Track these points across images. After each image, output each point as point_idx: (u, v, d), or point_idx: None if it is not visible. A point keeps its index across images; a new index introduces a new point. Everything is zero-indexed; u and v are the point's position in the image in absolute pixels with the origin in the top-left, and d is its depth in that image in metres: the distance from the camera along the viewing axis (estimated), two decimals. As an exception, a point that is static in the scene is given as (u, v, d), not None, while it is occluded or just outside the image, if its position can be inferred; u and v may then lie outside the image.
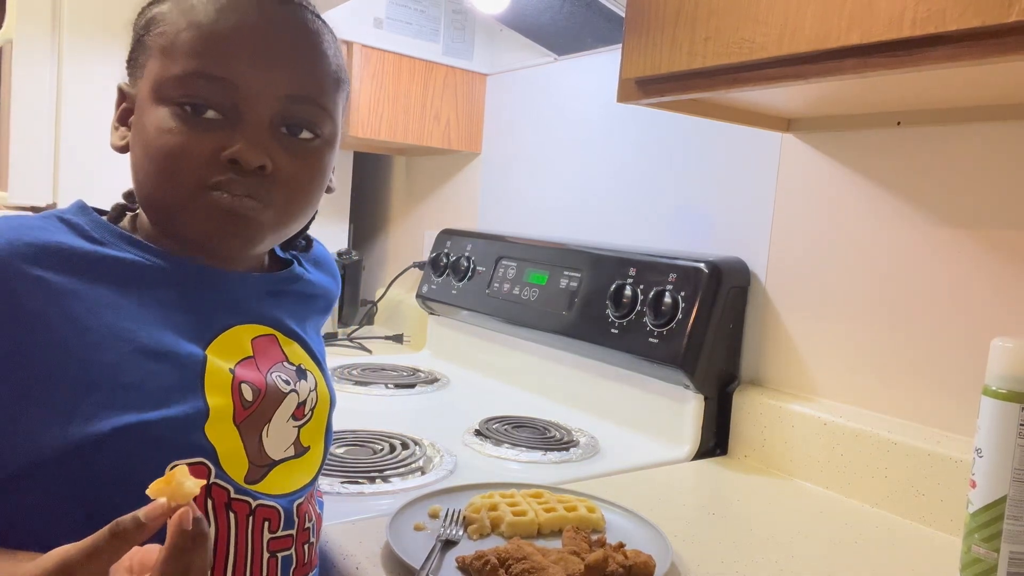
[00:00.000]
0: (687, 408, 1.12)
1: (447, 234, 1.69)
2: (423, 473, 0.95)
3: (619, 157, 1.39)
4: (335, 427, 0.78)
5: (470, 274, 1.55)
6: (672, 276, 1.13)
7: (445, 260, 1.63)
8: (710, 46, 0.78)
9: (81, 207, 0.65)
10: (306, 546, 0.66)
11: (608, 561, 0.67)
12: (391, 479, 0.91)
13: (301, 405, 0.68)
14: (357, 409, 1.25)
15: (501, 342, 1.51)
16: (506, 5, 1.38)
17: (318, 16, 0.67)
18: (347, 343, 1.82)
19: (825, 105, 0.97)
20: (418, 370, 1.53)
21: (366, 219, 2.24)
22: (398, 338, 1.92)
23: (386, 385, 1.39)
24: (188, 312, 0.62)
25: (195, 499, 0.45)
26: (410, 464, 0.96)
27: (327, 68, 0.65)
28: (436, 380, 1.46)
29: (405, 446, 1.03)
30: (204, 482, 0.47)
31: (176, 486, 0.44)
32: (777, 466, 1.07)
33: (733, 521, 0.88)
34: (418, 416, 1.24)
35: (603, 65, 1.44)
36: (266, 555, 0.62)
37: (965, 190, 0.91)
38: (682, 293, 1.11)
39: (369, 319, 2.05)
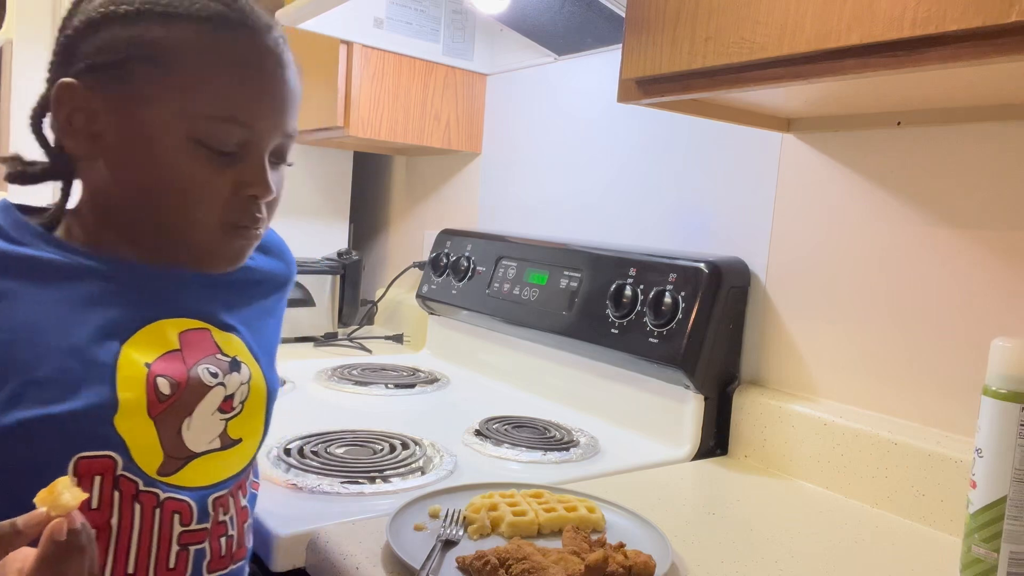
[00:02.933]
0: (687, 408, 1.12)
1: (447, 234, 1.69)
2: (423, 473, 0.95)
3: (619, 157, 1.39)
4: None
5: (470, 274, 1.55)
6: (672, 276, 1.13)
7: (445, 260, 1.63)
8: (710, 46, 0.78)
9: (4, 207, 0.67)
10: (223, 539, 0.67)
11: (608, 561, 0.67)
12: (391, 479, 0.91)
13: (229, 398, 0.69)
14: (357, 409, 1.25)
15: (501, 342, 1.51)
16: (506, 5, 1.38)
17: (284, 37, 0.71)
18: (347, 343, 1.82)
19: (825, 105, 0.97)
20: (418, 370, 1.53)
21: (366, 219, 2.24)
22: (398, 338, 1.92)
23: (386, 385, 1.39)
24: (110, 308, 0.64)
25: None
26: (410, 464, 0.96)
27: (300, 94, 0.71)
28: (436, 380, 1.46)
29: (405, 446, 1.03)
30: (85, 495, 0.49)
31: (56, 496, 0.46)
32: (777, 466, 1.07)
33: (733, 521, 0.88)
34: (418, 416, 1.24)
35: (603, 65, 1.44)
36: (175, 548, 0.63)
37: (965, 190, 0.91)
38: (682, 293, 1.11)
39: (369, 319, 2.06)
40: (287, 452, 0.97)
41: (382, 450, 1.01)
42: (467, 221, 1.81)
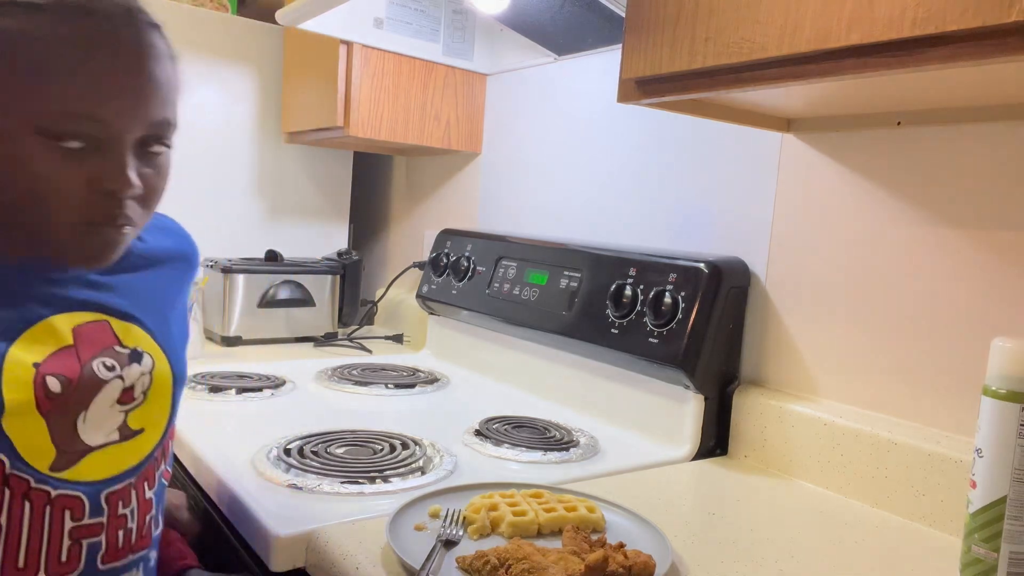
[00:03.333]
0: (687, 408, 1.12)
1: (447, 234, 1.69)
2: (423, 473, 0.95)
3: (619, 157, 1.39)
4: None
5: (470, 274, 1.55)
6: (672, 276, 1.13)
7: (445, 260, 1.63)
8: (710, 46, 0.78)
9: None
10: (122, 532, 0.69)
11: (608, 561, 0.67)
12: (391, 479, 0.91)
13: (128, 389, 0.70)
14: (357, 409, 1.25)
15: (501, 342, 1.51)
16: (506, 5, 1.38)
17: (153, 23, 0.68)
18: (347, 343, 1.82)
19: (825, 105, 0.97)
20: (418, 370, 1.53)
21: (366, 219, 2.24)
22: (398, 338, 1.92)
23: (386, 385, 1.39)
24: (1, 307, 0.64)
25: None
26: (410, 464, 0.96)
27: (175, 82, 0.68)
28: (436, 380, 1.46)
29: (405, 446, 1.03)
30: None
31: None
32: (777, 466, 1.07)
33: (733, 521, 0.88)
34: (418, 416, 1.24)
35: (603, 65, 1.44)
36: (67, 542, 0.65)
37: (965, 190, 0.91)
38: (682, 293, 1.11)
39: (369, 319, 2.06)
40: (287, 452, 0.97)
41: (382, 450, 1.01)
42: (467, 221, 1.81)
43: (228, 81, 1.85)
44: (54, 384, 0.64)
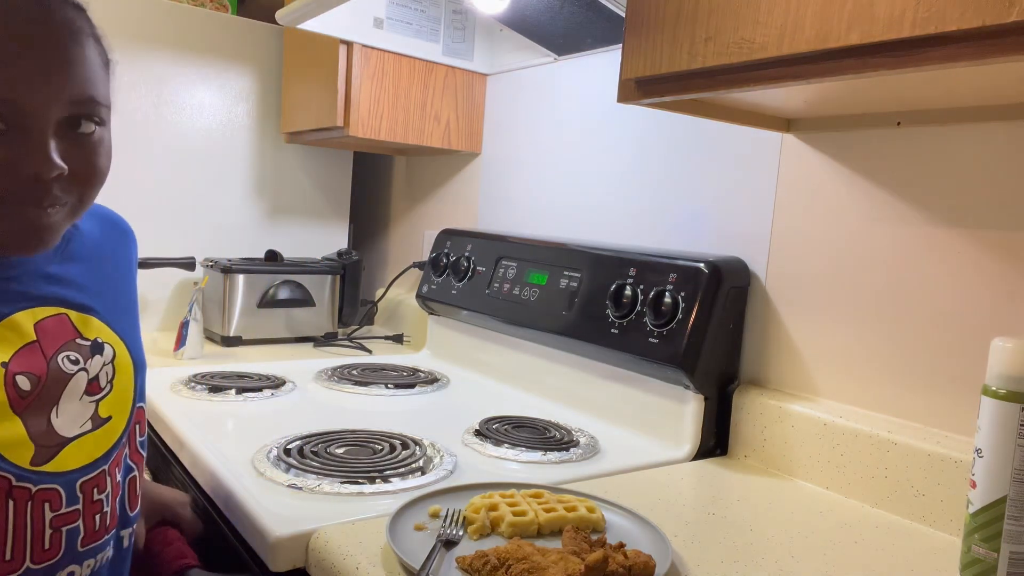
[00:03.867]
0: (687, 408, 1.12)
1: (447, 234, 1.69)
2: (423, 473, 0.95)
3: (619, 157, 1.39)
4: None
5: (470, 274, 1.55)
6: (672, 276, 1.13)
7: (445, 260, 1.63)
8: (710, 46, 0.78)
9: None
10: (98, 516, 0.71)
11: (608, 561, 0.67)
12: (391, 479, 0.91)
13: (94, 380, 0.72)
14: (357, 409, 1.25)
15: (501, 342, 1.51)
16: (506, 5, 1.38)
17: (70, 2, 0.66)
18: (347, 343, 1.82)
19: (825, 105, 0.97)
20: (418, 370, 1.53)
21: (366, 219, 2.24)
22: (398, 338, 1.92)
23: (386, 385, 1.39)
24: None
25: None
26: (410, 464, 0.96)
27: (98, 61, 0.66)
28: (436, 380, 1.46)
29: (405, 446, 1.03)
30: None
31: None
32: (777, 466, 1.07)
33: (733, 521, 0.88)
34: (418, 416, 1.24)
35: (603, 65, 1.44)
36: (48, 531, 0.67)
37: (965, 190, 0.91)
38: (682, 293, 1.11)
39: (369, 319, 2.06)
40: (287, 452, 0.97)
41: (382, 450, 1.01)
42: (467, 221, 1.81)
43: (228, 81, 1.85)
44: (24, 383, 0.66)
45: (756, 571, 0.76)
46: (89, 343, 0.72)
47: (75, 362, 0.70)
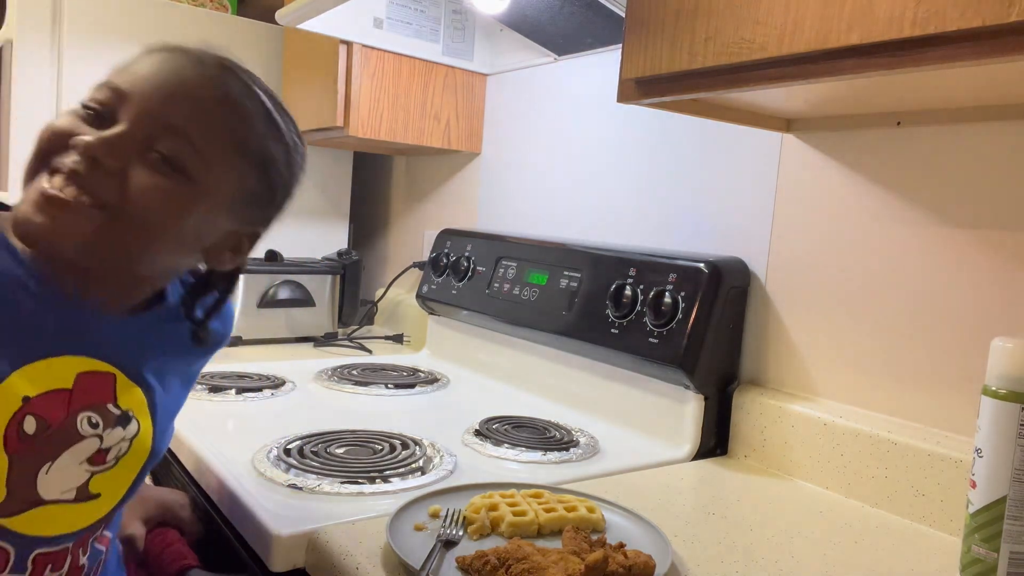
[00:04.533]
0: (687, 408, 1.12)
1: (447, 234, 1.69)
2: (423, 473, 0.95)
3: (619, 157, 1.39)
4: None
5: (470, 274, 1.55)
6: (672, 276, 1.13)
7: (445, 260, 1.63)
8: (710, 46, 0.78)
9: None
10: None
11: (608, 561, 0.67)
12: (391, 479, 0.91)
13: (103, 452, 0.66)
14: (357, 409, 1.25)
15: (501, 342, 1.51)
16: (506, 5, 1.38)
17: (268, 104, 0.68)
18: (347, 343, 1.82)
19: (825, 105, 0.97)
20: (418, 370, 1.53)
21: (366, 219, 2.24)
22: (398, 338, 1.92)
23: (386, 385, 1.39)
24: (21, 329, 0.62)
25: None
26: (410, 464, 0.96)
27: (227, 125, 0.65)
28: (436, 380, 1.46)
29: (405, 446, 1.03)
30: None
31: None
32: (777, 466, 1.07)
33: (733, 521, 0.88)
34: (418, 416, 1.24)
35: (603, 65, 1.44)
36: None
37: (965, 190, 0.91)
38: (682, 293, 1.11)
39: (369, 319, 2.05)
40: (287, 452, 0.97)
41: (382, 450, 1.01)
42: (467, 221, 1.81)
43: (228, 81, 1.85)
44: (30, 425, 0.61)
45: (756, 571, 0.76)
46: (119, 412, 0.67)
47: (94, 426, 0.65)
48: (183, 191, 0.64)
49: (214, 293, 0.79)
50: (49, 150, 0.62)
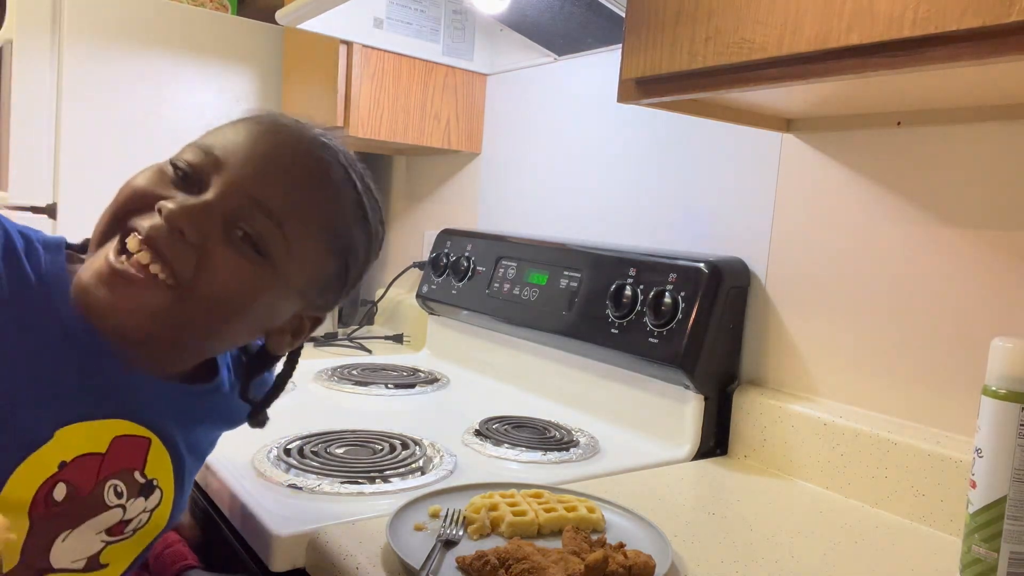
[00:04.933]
0: (687, 408, 1.12)
1: (447, 234, 1.69)
2: (423, 473, 0.95)
3: (619, 157, 1.39)
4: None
5: (470, 274, 1.55)
6: (672, 276, 1.13)
7: (445, 260, 1.63)
8: (710, 46, 0.78)
9: (57, 245, 0.62)
10: None
11: (608, 561, 0.67)
12: (391, 479, 0.91)
13: (123, 523, 0.64)
14: (357, 409, 1.25)
15: (501, 342, 1.51)
16: (506, 5, 1.38)
17: (360, 188, 0.66)
18: (347, 343, 1.82)
19: (825, 105, 0.97)
20: (418, 370, 1.53)
21: (366, 219, 2.24)
22: (398, 338, 1.92)
23: (386, 385, 1.39)
24: (67, 387, 0.58)
25: None
26: (410, 464, 0.96)
27: (317, 211, 0.63)
28: (436, 380, 1.46)
29: (405, 446, 1.03)
30: None
31: None
32: (777, 466, 1.07)
33: (733, 521, 0.88)
34: (418, 416, 1.24)
35: (603, 65, 1.44)
36: None
37: (965, 190, 0.91)
38: (682, 293, 1.11)
39: (369, 319, 2.05)
40: (287, 452, 0.97)
41: (382, 450, 1.01)
42: (467, 221, 1.81)
43: (228, 81, 1.85)
44: (60, 492, 0.57)
45: (756, 571, 0.76)
46: (144, 481, 0.64)
47: (119, 495, 0.62)
48: (261, 274, 0.61)
49: (270, 373, 0.77)
50: (128, 209, 0.58)
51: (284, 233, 0.60)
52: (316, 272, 0.65)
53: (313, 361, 1.58)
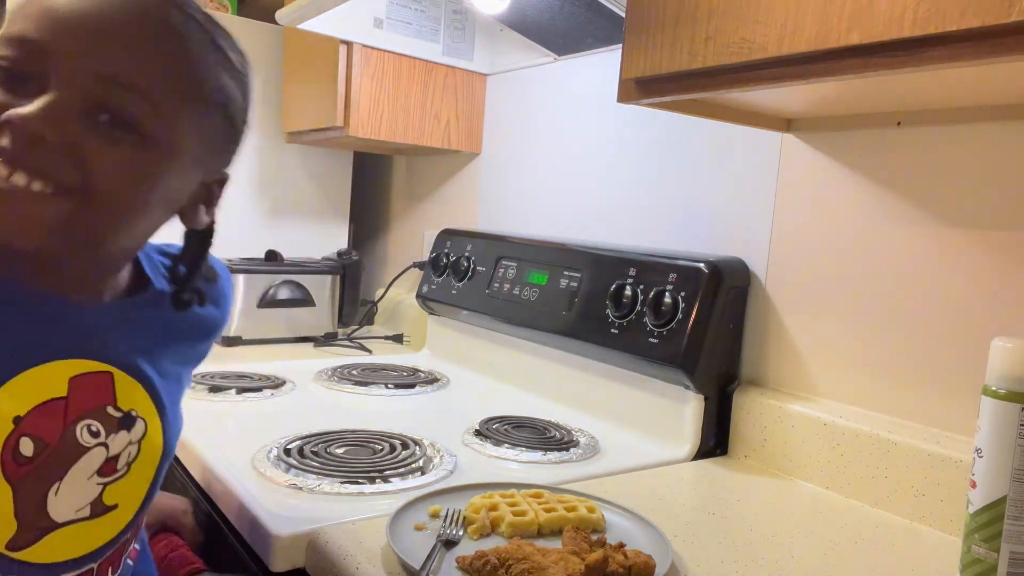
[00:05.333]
0: (687, 408, 1.12)
1: (447, 234, 1.69)
2: (423, 473, 0.95)
3: (619, 157, 1.39)
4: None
5: (470, 274, 1.55)
6: (672, 276, 1.13)
7: (445, 260, 1.63)
8: (710, 46, 0.78)
9: None
10: None
11: (608, 561, 0.67)
12: (391, 479, 0.91)
13: (111, 460, 0.60)
14: (357, 409, 1.25)
15: (501, 342, 1.51)
16: (506, 5, 1.38)
17: (208, 27, 0.58)
18: (347, 343, 1.82)
19: (825, 105, 0.97)
20: (418, 370, 1.53)
21: (366, 219, 2.24)
22: (398, 338, 1.92)
23: (386, 385, 1.39)
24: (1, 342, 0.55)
25: None
26: (410, 464, 0.96)
27: (179, 68, 0.55)
28: (436, 380, 1.46)
29: (405, 446, 1.03)
30: None
31: None
32: (777, 466, 1.07)
33: (733, 521, 0.88)
34: (418, 416, 1.24)
35: (603, 65, 1.44)
36: None
37: (965, 190, 0.91)
38: (682, 293, 1.11)
39: (369, 319, 2.05)
40: (287, 452, 0.97)
41: (382, 450, 1.01)
42: (467, 221, 1.81)
43: (228, 81, 1.85)
44: (27, 447, 0.54)
45: (756, 571, 0.76)
46: (120, 415, 0.61)
47: (95, 434, 0.59)
48: (148, 156, 0.55)
49: (194, 254, 0.72)
50: None
51: (152, 103, 0.53)
52: (202, 133, 0.59)
53: (313, 361, 1.58)
